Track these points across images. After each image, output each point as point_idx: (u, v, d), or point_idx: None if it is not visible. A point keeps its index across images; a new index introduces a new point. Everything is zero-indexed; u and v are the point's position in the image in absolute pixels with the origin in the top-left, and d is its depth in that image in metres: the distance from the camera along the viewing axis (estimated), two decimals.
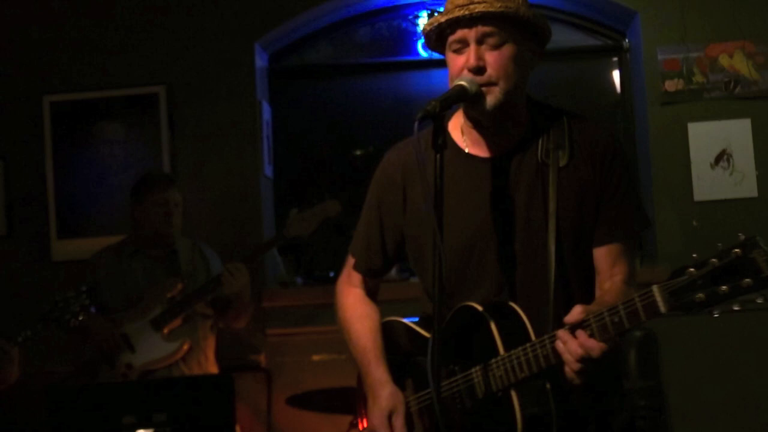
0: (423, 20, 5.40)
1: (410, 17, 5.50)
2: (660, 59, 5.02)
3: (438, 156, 2.05)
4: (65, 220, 5.12)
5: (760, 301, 1.73)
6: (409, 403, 2.34)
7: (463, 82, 2.14)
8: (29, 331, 3.88)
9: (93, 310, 4.02)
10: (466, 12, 2.12)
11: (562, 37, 5.52)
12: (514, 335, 2.10)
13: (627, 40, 5.43)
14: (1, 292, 5.02)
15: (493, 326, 2.13)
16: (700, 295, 1.74)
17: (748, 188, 4.85)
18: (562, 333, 1.98)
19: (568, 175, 2.21)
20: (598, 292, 2.24)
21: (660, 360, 3.79)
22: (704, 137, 4.91)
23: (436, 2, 5.35)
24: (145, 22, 5.23)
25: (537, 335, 2.07)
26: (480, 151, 2.31)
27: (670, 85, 4.98)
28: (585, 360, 1.94)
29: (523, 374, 2.05)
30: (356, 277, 2.58)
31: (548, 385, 2.06)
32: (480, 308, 2.17)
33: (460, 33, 2.17)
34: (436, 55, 5.32)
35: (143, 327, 4.09)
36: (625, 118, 5.43)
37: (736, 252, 1.69)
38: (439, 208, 2.05)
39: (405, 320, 2.49)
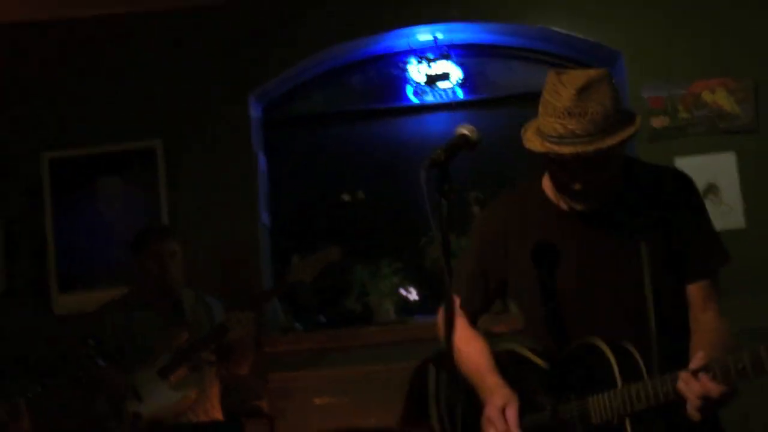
0: (413, 67, 5.51)
1: (400, 64, 5.62)
2: (645, 97, 5.14)
3: (445, 202, 2.17)
4: (66, 274, 5.18)
5: None
6: (521, 424, 2.39)
7: (464, 131, 2.30)
8: (38, 386, 3.91)
9: (101, 363, 4.06)
10: (575, 152, 2.18)
11: (545, 78, 5.62)
12: (629, 371, 2.23)
13: (612, 80, 5.53)
14: (4, 347, 5.04)
15: (612, 360, 2.26)
16: None
17: (736, 220, 4.94)
18: (684, 374, 2.09)
19: (655, 222, 2.37)
20: (693, 326, 2.39)
21: None
22: (691, 171, 4.86)
23: (425, 50, 5.47)
24: (140, 76, 5.35)
25: (648, 373, 2.21)
26: (571, 205, 2.42)
27: (657, 122, 5.10)
28: (705, 398, 2.05)
29: (641, 406, 2.17)
30: (460, 311, 2.66)
31: (662, 421, 2.20)
32: (600, 343, 2.30)
33: (563, 161, 2.26)
34: (426, 101, 5.50)
35: (151, 377, 4.11)
36: None
37: None
38: (447, 253, 2.16)
39: (517, 348, 2.60)
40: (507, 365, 2.55)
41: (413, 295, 5.37)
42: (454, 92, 5.54)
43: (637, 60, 5.18)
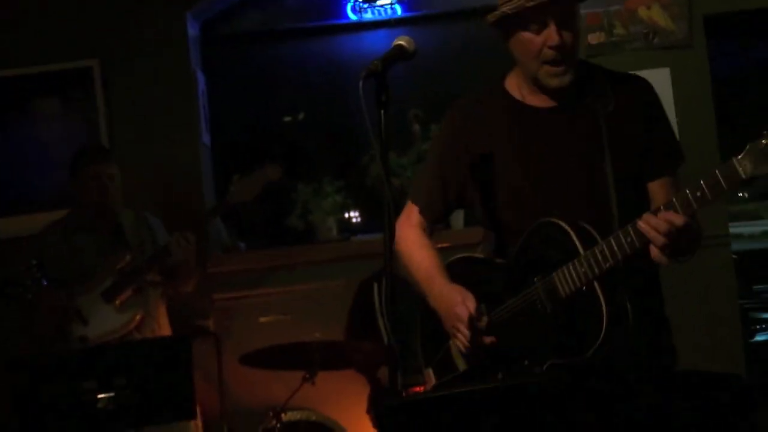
0: None
1: None
2: (582, 14, 5.16)
3: (381, 112, 2.24)
4: (5, 198, 5.12)
5: None
6: (484, 320, 2.45)
7: (402, 42, 2.37)
8: None
9: (45, 284, 4.05)
10: None
11: None
12: (589, 241, 2.27)
13: None
14: None
15: (570, 231, 2.30)
16: None
17: None
18: (645, 215, 2.15)
19: (615, 118, 2.44)
20: None
21: None
22: None
23: None
24: None
25: None
26: (538, 102, 2.53)
27: (593, 38, 5.15)
28: (670, 233, 2.10)
29: (607, 265, 2.21)
30: (415, 220, 2.74)
31: (624, 281, 2.24)
32: (555, 220, 2.35)
33: (540, 14, 2.36)
34: (365, 18, 5.47)
35: (95, 300, 4.13)
36: None
37: None
38: (385, 159, 2.26)
39: (470, 254, 2.67)
40: (463, 270, 2.61)
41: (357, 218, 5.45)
42: (393, 9, 5.52)
43: None
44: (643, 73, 4.94)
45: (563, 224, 2.32)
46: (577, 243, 2.28)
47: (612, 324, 2.20)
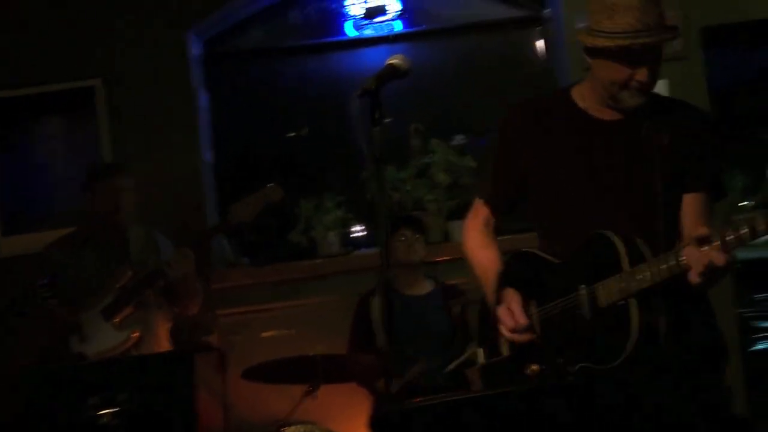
0: (351, 1, 5.53)
1: None
2: (580, 27, 5.21)
3: (375, 128, 2.32)
4: (11, 217, 5.17)
5: None
6: (532, 316, 2.64)
7: (395, 61, 2.43)
8: None
9: (52, 301, 4.08)
10: (656, 41, 2.45)
11: (485, 10, 5.71)
12: (636, 258, 2.40)
13: (547, 11, 5.63)
14: None
15: (621, 246, 2.44)
16: None
17: None
18: (688, 248, 2.28)
19: (671, 146, 2.57)
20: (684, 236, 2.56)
21: None
22: None
23: None
24: (78, 15, 5.30)
25: None
26: (601, 114, 2.67)
27: None
28: (709, 267, 2.24)
29: (646, 284, 2.34)
30: (482, 214, 2.92)
31: (662, 299, 2.37)
32: (609, 234, 2.48)
33: (637, 54, 2.46)
34: (365, 34, 5.52)
35: (95, 316, 4.14)
36: (550, 85, 5.62)
37: None
38: (380, 174, 2.33)
39: (530, 249, 2.80)
40: (522, 265, 2.78)
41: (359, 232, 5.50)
42: (392, 25, 5.58)
43: None
44: None
45: (615, 239, 2.46)
46: (624, 259, 2.42)
47: (640, 341, 2.34)
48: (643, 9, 2.42)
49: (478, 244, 2.90)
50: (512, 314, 2.62)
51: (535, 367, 2.58)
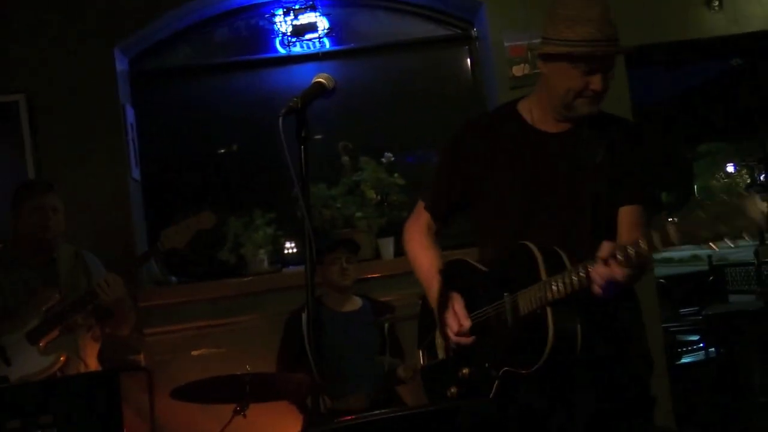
0: (280, 18, 5.53)
1: (267, 16, 5.63)
2: (506, 46, 5.31)
3: (302, 147, 2.34)
4: None
5: (748, 240, 2.17)
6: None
7: (321, 80, 2.45)
8: None
9: None
10: (616, 51, 2.63)
11: (414, 28, 5.78)
12: (555, 268, 2.54)
13: (475, 30, 5.71)
14: None
15: (539, 258, 2.57)
16: (705, 232, 2.13)
17: None
18: (596, 266, 2.41)
19: (607, 157, 2.73)
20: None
21: None
22: None
23: (291, 1, 5.50)
24: (1, 31, 5.21)
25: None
26: (546, 127, 2.81)
27: (517, 70, 5.28)
28: (610, 281, 2.39)
29: (560, 294, 2.47)
30: (423, 218, 3.07)
31: (577, 308, 2.51)
32: (530, 245, 2.61)
33: (594, 62, 2.62)
34: (294, 52, 5.53)
35: (19, 340, 4.02)
36: (477, 102, 5.70)
37: (735, 201, 2.08)
38: (305, 193, 2.38)
39: (463, 258, 2.95)
40: (455, 272, 2.92)
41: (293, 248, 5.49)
42: (321, 43, 5.60)
43: (497, 10, 5.34)
44: None
45: (535, 250, 2.59)
46: (542, 269, 2.55)
47: (557, 346, 2.48)
48: (602, 22, 2.60)
49: (421, 245, 3.03)
50: (457, 318, 2.74)
51: (466, 370, 2.76)
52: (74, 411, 3.21)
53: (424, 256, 3.00)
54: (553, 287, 2.48)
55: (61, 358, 4.04)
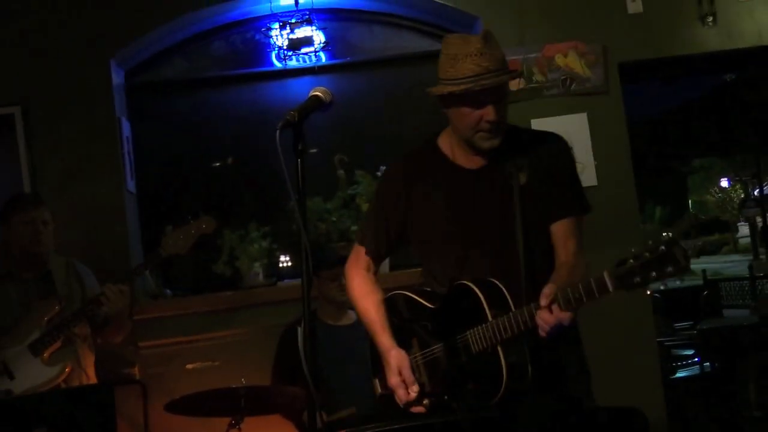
0: (276, 32, 5.54)
1: (263, 29, 5.65)
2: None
3: (299, 160, 2.36)
4: None
5: (678, 283, 2.24)
6: (416, 359, 2.89)
7: (318, 93, 2.49)
8: None
9: None
10: (495, 83, 2.68)
11: (410, 43, 5.80)
12: (498, 304, 2.66)
13: None
14: None
15: (481, 297, 2.68)
16: (637, 279, 2.27)
17: (589, 178, 5.17)
18: (539, 312, 2.53)
19: (529, 175, 2.82)
20: (557, 263, 2.84)
21: None
22: None
23: (287, 15, 5.51)
24: None
25: (515, 304, 2.64)
26: (465, 162, 2.91)
27: (513, 85, 5.27)
28: (554, 326, 2.52)
29: (507, 335, 2.59)
30: (363, 261, 3.15)
31: (524, 344, 2.63)
32: (470, 284, 2.72)
33: (481, 95, 2.70)
34: (290, 65, 5.55)
35: (22, 352, 4.02)
36: None
37: (662, 249, 2.21)
38: (302, 206, 2.40)
39: (407, 292, 3.03)
40: (401, 306, 3.03)
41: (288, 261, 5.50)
42: (317, 56, 5.61)
43: (493, 25, 5.34)
44: (562, 118, 5.22)
45: (475, 289, 2.70)
46: (487, 309, 2.66)
47: (512, 380, 2.61)
48: (481, 55, 2.67)
49: (363, 292, 3.10)
50: (405, 386, 2.83)
51: (426, 401, 2.85)
52: (68, 423, 3.22)
53: (367, 303, 3.07)
54: (501, 329, 2.60)
55: (66, 369, 4.05)
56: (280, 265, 5.55)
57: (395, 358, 2.88)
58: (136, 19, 5.34)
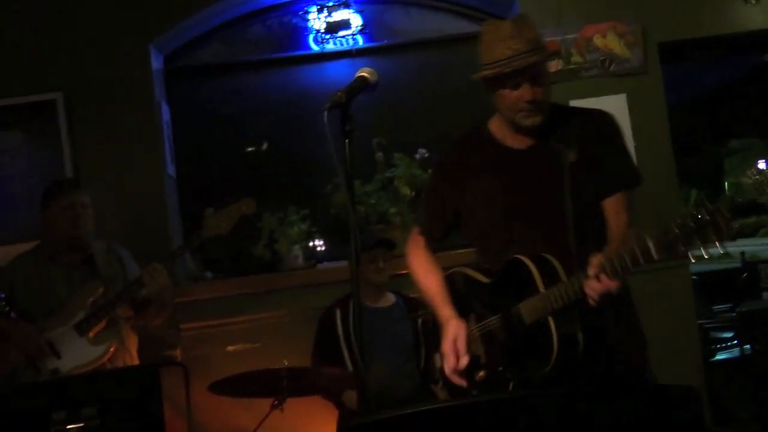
0: (313, 15, 5.55)
1: (300, 13, 5.66)
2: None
3: (346, 141, 2.38)
4: None
5: (721, 250, 2.36)
6: (472, 332, 2.98)
7: (365, 74, 2.52)
8: None
9: (13, 315, 4.04)
10: (525, 63, 2.76)
11: (447, 25, 5.78)
12: (550, 277, 2.74)
13: None
14: None
15: (534, 271, 2.76)
16: (682, 246, 2.31)
17: None
18: (588, 280, 2.59)
19: (577, 153, 2.88)
20: (609, 235, 2.88)
21: None
22: None
23: None
24: (39, 29, 5.28)
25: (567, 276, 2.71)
26: (515, 143, 3.00)
27: (551, 66, 5.26)
28: (603, 294, 2.57)
29: (558, 305, 2.66)
30: (421, 242, 3.27)
31: (576, 314, 2.69)
32: (523, 258, 2.80)
33: (517, 77, 2.81)
34: (327, 49, 5.56)
35: (68, 332, 4.08)
36: None
37: (706, 217, 2.25)
38: (350, 187, 2.42)
39: (465, 270, 3.13)
40: (458, 283, 3.13)
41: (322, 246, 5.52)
42: (354, 39, 5.61)
43: (531, 5, 5.32)
44: (600, 99, 5.18)
45: (529, 263, 2.77)
46: (539, 281, 2.73)
47: (563, 350, 2.68)
48: (512, 38, 2.79)
49: (424, 270, 3.22)
50: (457, 354, 2.91)
51: (482, 373, 2.93)
52: (116, 404, 3.25)
53: (426, 280, 3.19)
54: (552, 300, 2.67)
55: (111, 348, 4.11)
56: (317, 248, 5.57)
57: (453, 326, 2.97)
58: (174, 4, 5.38)
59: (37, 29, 5.27)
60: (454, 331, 2.96)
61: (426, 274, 3.21)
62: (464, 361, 2.90)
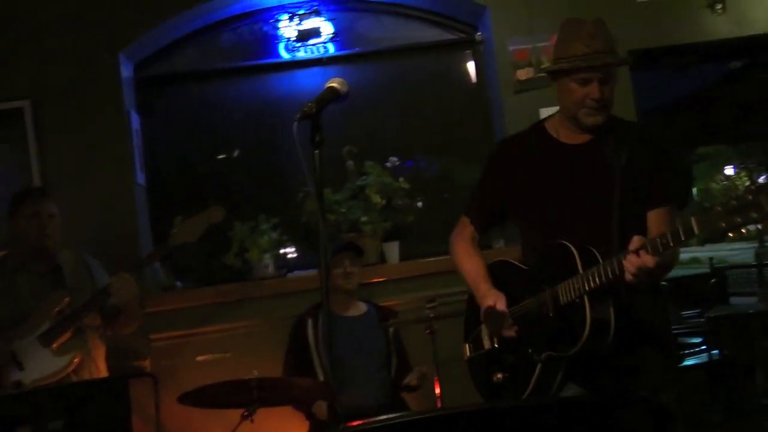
0: (284, 23, 5.54)
1: (271, 21, 5.65)
2: (510, 50, 5.32)
3: (316, 152, 2.37)
4: None
5: (760, 227, 2.40)
6: (510, 311, 3.06)
7: (334, 84, 2.51)
8: None
9: None
10: (602, 62, 2.89)
11: (418, 33, 5.78)
12: (590, 262, 2.79)
13: (479, 34, 5.72)
14: None
15: (576, 254, 2.84)
16: (723, 223, 2.37)
17: None
18: (628, 256, 2.65)
19: (630, 162, 2.96)
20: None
21: None
22: None
23: (296, 6, 5.51)
24: (5, 36, 5.23)
25: None
26: (569, 140, 3.11)
27: (521, 74, 5.30)
28: (641, 269, 2.62)
29: (596, 284, 2.72)
30: (467, 230, 3.40)
31: (611, 304, 2.76)
32: (566, 242, 2.88)
33: (587, 73, 2.92)
34: (298, 57, 5.55)
35: (31, 343, 4.03)
36: (481, 107, 5.72)
37: (748, 196, 2.32)
38: (320, 197, 2.41)
39: (507, 259, 3.27)
40: (500, 271, 3.26)
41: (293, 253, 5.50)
42: (325, 48, 5.61)
43: (501, 14, 5.35)
44: None
45: (571, 246, 2.86)
46: (579, 263, 2.81)
47: (594, 331, 2.74)
48: (592, 38, 2.91)
49: (467, 254, 3.36)
50: (498, 312, 3.04)
51: (500, 375, 3.09)
52: (84, 417, 3.22)
53: (469, 263, 3.31)
54: (590, 278, 2.73)
55: (75, 359, 4.06)
56: (288, 256, 5.55)
57: (494, 295, 3.10)
58: (144, 12, 5.34)
59: (4, 36, 5.22)
60: (493, 299, 3.08)
61: (469, 257, 3.34)
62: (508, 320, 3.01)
